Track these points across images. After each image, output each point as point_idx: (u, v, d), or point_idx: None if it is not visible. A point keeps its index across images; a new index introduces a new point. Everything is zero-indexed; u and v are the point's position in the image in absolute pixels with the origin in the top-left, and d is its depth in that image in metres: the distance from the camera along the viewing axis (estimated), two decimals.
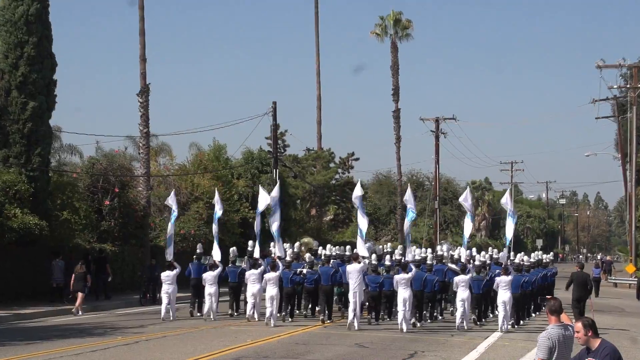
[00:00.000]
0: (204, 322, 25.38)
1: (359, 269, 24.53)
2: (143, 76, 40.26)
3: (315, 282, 26.67)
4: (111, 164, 38.93)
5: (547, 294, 29.35)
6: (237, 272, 28.01)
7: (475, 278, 26.20)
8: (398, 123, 67.50)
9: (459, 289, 25.30)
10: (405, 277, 24.21)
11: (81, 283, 29.08)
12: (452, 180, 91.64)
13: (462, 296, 25.09)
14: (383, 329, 24.57)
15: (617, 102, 62.95)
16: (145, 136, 40.27)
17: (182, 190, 43.84)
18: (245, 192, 47.88)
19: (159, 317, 26.33)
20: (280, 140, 61.84)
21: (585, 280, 28.34)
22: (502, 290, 25.06)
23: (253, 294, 25.96)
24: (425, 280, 25.90)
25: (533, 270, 30.08)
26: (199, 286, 27.78)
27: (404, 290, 24.02)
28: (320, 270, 26.75)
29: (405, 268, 24.69)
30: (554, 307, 10.46)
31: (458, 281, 25.46)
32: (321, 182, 61.91)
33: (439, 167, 68.39)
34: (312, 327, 24.20)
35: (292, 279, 26.49)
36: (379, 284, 25.95)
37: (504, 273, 25.58)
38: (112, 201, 36.96)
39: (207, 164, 47.56)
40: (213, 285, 26.71)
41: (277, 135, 52.53)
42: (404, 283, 24.14)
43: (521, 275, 27.35)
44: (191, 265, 29.16)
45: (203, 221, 42.56)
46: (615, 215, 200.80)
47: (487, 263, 29.16)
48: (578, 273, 28.69)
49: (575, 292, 28.03)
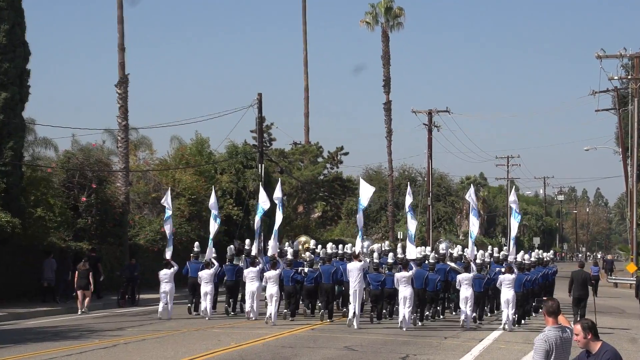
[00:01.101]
0: (185, 324, 25.31)
1: (359, 267, 25.37)
2: (122, 66, 40.15)
3: (315, 280, 27.56)
4: (88, 159, 38.76)
5: (547, 294, 31.13)
6: (234, 271, 28.99)
7: (477, 276, 27.10)
8: (389, 116, 67.62)
9: (462, 287, 26.29)
10: (406, 275, 25.21)
11: (84, 281, 29.59)
12: (445, 175, 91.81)
13: (465, 294, 26.05)
14: (384, 327, 25.25)
15: (617, 93, 63.15)
16: (124, 129, 40.16)
17: (163, 186, 43.72)
18: (229, 188, 47.80)
19: (138, 319, 26.29)
20: (266, 134, 61.72)
21: (586, 279, 29.06)
22: (506, 289, 26.09)
23: (252, 292, 26.70)
24: (427, 278, 26.90)
25: (533, 269, 30.97)
26: (196, 285, 28.58)
27: (405, 288, 25.02)
28: (321, 268, 27.67)
29: (407, 266, 25.63)
30: (551, 309, 10.43)
31: (461, 279, 26.46)
32: (309, 177, 61.89)
33: (431, 162, 68.42)
34: (299, 329, 24.19)
35: (294, 277, 27.44)
36: (381, 282, 26.76)
37: (507, 271, 26.60)
38: (88, 197, 36.81)
39: (189, 159, 47.46)
40: (209, 283, 27.63)
41: (263, 128, 52.40)
42: (404, 281, 25.14)
43: (524, 274, 28.31)
44: (188, 264, 29.94)
45: (185, 219, 42.50)
46: (616, 212, 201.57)
47: (487, 261, 30.36)
48: (578, 272, 29.39)
49: (575, 292, 28.81)
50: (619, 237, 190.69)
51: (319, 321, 26.30)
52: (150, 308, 31.04)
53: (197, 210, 43.66)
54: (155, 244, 40.09)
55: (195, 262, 29.75)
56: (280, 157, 62.34)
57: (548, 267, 33.84)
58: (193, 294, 29.09)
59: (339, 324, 25.85)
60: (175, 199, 43.61)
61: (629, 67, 60.70)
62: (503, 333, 24.70)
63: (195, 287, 28.67)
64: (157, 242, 40.14)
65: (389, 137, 68.10)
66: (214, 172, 48.99)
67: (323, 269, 27.52)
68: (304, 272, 28.02)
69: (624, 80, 59.20)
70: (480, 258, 29.32)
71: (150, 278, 39.13)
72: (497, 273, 28.31)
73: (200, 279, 27.97)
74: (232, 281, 28.99)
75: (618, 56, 55.56)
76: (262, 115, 49.26)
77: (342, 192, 68.13)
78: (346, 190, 68.11)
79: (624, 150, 62.55)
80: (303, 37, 73.56)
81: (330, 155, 68.60)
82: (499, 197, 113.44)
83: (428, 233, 65.93)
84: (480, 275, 27.56)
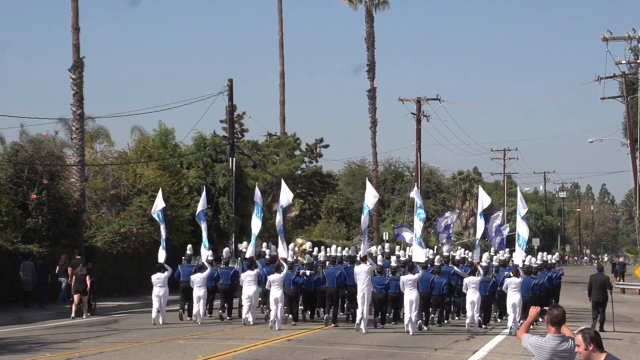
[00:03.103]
0: (149, 335, 25.18)
1: (367, 269, 26.76)
2: (76, 48, 39.92)
3: (315, 284, 29.35)
4: (38, 151, 38.48)
5: (553, 298, 33.55)
6: (229, 274, 30.82)
7: (482, 279, 28.73)
8: (374, 104, 67.61)
9: (468, 291, 28.04)
10: (412, 278, 26.80)
11: (82, 285, 31.09)
12: (435, 170, 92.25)
13: (472, 298, 27.79)
14: (389, 332, 26.65)
15: (625, 79, 63.14)
16: (79, 118, 39.95)
17: (123, 182, 43.56)
18: (197, 184, 47.65)
19: (95, 329, 26.21)
20: (237, 124, 61.71)
21: (605, 283, 30.58)
22: (512, 292, 27.79)
23: (249, 297, 28.33)
24: (433, 282, 28.51)
25: (539, 272, 32.38)
26: (188, 289, 29.97)
27: (411, 291, 26.54)
28: (325, 272, 29.09)
29: (412, 269, 27.34)
30: (556, 319, 10.48)
31: (468, 282, 28.16)
32: (285, 172, 61.75)
33: (420, 155, 68.54)
34: (275, 339, 24.11)
35: (295, 280, 28.97)
36: (385, 285, 28.19)
37: (514, 274, 28.25)
38: (39, 195, 36.57)
39: (151, 152, 47.24)
40: (202, 287, 29.18)
41: (234, 118, 52.35)
42: (410, 284, 26.67)
43: (531, 278, 29.97)
44: (180, 268, 31.12)
45: (147, 218, 42.33)
46: (624, 211, 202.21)
47: (494, 265, 31.97)
48: (597, 275, 31.08)
49: (594, 296, 30.50)
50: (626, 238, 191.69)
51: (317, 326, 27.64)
52: (109, 317, 30.96)
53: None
54: (114, 246, 39.94)
55: (187, 266, 30.99)
56: (253, 150, 62.28)
57: (553, 271, 35.23)
58: (185, 299, 30.30)
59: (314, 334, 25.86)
60: (137, 196, 43.49)
61: (638, 50, 60.79)
62: (499, 344, 24.74)
63: (188, 291, 29.97)
64: (116, 245, 40.00)
65: (374, 128, 68.10)
66: (180, 166, 48.83)
67: (327, 272, 28.86)
68: (306, 275, 29.51)
69: (632, 64, 59.40)
70: (486, 261, 30.85)
71: (109, 284, 39.04)
72: (504, 277, 29.77)
73: (193, 282, 29.27)
74: (227, 285, 30.75)
75: (626, 38, 55.66)
76: (233, 104, 49.18)
77: (322, 188, 68.17)
78: (326, 187, 68.18)
79: (633, 141, 62.55)
80: (278, 16, 73.53)
81: (308, 148, 68.57)
82: (495, 193, 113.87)
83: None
84: (486, 278, 29.22)
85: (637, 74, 59.08)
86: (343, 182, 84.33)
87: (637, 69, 58.71)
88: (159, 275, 29.30)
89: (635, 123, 60.57)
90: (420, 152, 68.24)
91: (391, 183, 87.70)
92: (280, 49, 72.95)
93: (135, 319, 30.57)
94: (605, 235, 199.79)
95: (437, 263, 29.65)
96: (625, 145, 68.34)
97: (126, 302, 35.91)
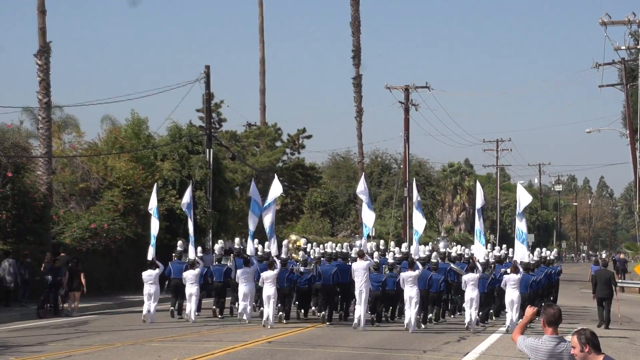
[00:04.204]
0: (120, 337, 25.10)
1: (365, 266, 27.76)
2: (42, 32, 39.67)
3: (309, 281, 29.98)
4: (2, 142, 38.29)
5: (551, 295, 35.05)
6: (222, 271, 31.73)
7: (481, 276, 29.65)
8: (359, 92, 67.64)
9: (467, 288, 28.72)
10: (412, 275, 27.56)
11: (77, 281, 32.33)
12: (425, 162, 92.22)
13: (470, 295, 28.50)
14: (380, 331, 27.07)
15: (625, 66, 63.19)
16: (46, 107, 39.73)
17: (93, 175, 43.38)
18: (172, 177, 47.56)
19: (63, 331, 26.13)
20: (215, 114, 61.63)
21: (609, 279, 32.09)
22: (511, 289, 28.54)
23: (245, 294, 29.01)
24: (431, 279, 29.41)
25: (537, 269, 33.33)
26: (179, 286, 30.79)
27: (411, 288, 27.36)
28: (321, 269, 29.83)
29: (412, 266, 27.98)
30: (552, 318, 10.43)
31: (467, 280, 28.85)
32: (265, 164, 61.77)
33: (409, 146, 68.60)
34: (255, 342, 24.05)
35: (289, 277, 29.80)
36: (382, 283, 29.09)
37: (513, 271, 28.90)
38: (3, 188, 36.36)
39: (123, 143, 47.06)
40: (194, 284, 29.84)
41: (211, 107, 52.27)
42: (410, 281, 27.48)
43: (530, 275, 30.92)
44: (171, 265, 31.88)
45: (119, 213, 42.18)
46: (623, 205, 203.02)
47: (491, 261, 32.94)
48: (601, 271, 32.63)
49: (599, 292, 31.82)
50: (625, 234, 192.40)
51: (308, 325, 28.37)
52: (77, 319, 30.81)
53: (133, 202, 43.31)
54: (84, 243, 39.75)
55: (178, 263, 31.85)
56: (231, 141, 62.22)
57: (551, 267, 36.28)
58: (176, 296, 31.17)
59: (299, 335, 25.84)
60: (108, 190, 43.33)
61: (638, 35, 60.86)
62: (492, 345, 24.78)
63: (179, 288, 30.78)
64: (85, 241, 39.80)
65: (359, 118, 68.13)
66: (154, 158, 48.67)
67: (323, 269, 29.69)
68: (300, 271, 30.41)
69: (632, 50, 59.43)
70: (484, 257, 31.58)
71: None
72: (502, 274, 30.62)
73: (185, 280, 30.03)
74: (220, 282, 31.66)
75: (626, 22, 55.77)
76: (210, 92, 49.13)
77: (305, 181, 68.17)
78: (309, 180, 68.18)
79: (632, 132, 62.70)
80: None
81: (290, 139, 68.57)
82: (487, 187, 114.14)
83: (405, 229, 66.04)
84: (484, 275, 30.28)
85: (637, 61, 59.09)
86: (327, 175, 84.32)
87: (637, 55, 58.75)
88: (150, 272, 30.02)
89: (635, 112, 60.70)
90: (409, 143, 68.29)
91: (378, 176, 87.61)
92: (261, 34, 72.81)
93: (106, 320, 30.46)
94: (604, 231, 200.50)
95: (434, 260, 30.29)
96: (625, 136, 68.51)
97: (97, 303, 35.75)
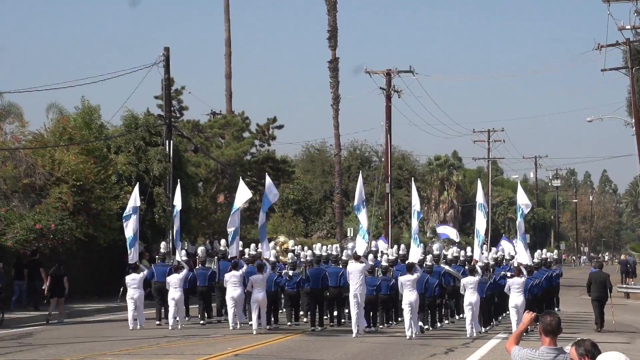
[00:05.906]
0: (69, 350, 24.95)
1: (360, 269, 28.75)
2: None
3: (297, 285, 31.25)
4: None
5: (551, 299, 36.16)
6: (207, 275, 32.97)
7: (480, 281, 30.40)
8: (336, 77, 67.66)
9: (466, 292, 29.75)
10: (411, 279, 28.41)
11: (60, 287, 33.58)
12: (408, 155, 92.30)
13: (470, 299, 29.48)
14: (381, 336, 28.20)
15: (630, 47, 62.89)
16: None
17: (39, 169, 43.09)
18: (127, 171, 47.37)
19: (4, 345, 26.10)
20: (175, 101, 61.41)
21: (605, 281, 33.42)
22: (515, 293, 29.39)
23: (233, 299, 29.97)
24: (427, 282, 30.38)
25: (537, 271, 34.14)
26: (163, 291, 31.79)
27: (410, 293, 28.18)
28: (309, 272, 31.02)
29: (411, 269, 28.72)
30: (549, 327, 10.43)
31: (466, 283, 29.87)
32: (232, 157, 61.65)
33: (391, 137, 68.34)
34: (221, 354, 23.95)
35: (277, 281, 31.12)
36: (376, 286, 30.15)
37: (516, 274, 29.86)
38: None
39: (73, 133, 46.80)
40: (178, 289, 30.81)
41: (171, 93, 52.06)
42: (409, 285, 28.31)
43: (530, 278, 31.73)
44: (154, 267, 33.24)
45: (68, 212, 41.91)
46: (628, 202, 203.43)
47: (491, 264, 33.91)
48: (597, 273, 34.06)
49: (594, 292, 33.28)
50: (631, 234, 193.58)
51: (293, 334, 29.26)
52: (21, 330, 30.62)
53: (84, 200, 43.06)
54: (28, 245, 39.48)
55: (161, 265, 33.12)
56: (194, 132, 62.07)
57: (552, 270, 37.34)
58: (160, 302, 32.25)
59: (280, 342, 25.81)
60: (56, 187, 43.06)
61: None
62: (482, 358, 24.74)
63: (162, 292, 31.79)
64: (30, 243, 39.52)
65: (336, 106, 68.17)
66: (107, 151, 48.47)
67: (312, 272, 30.83)
68: (289, 275, 31.48)
69: (638, 30, 59.41)
70: (484, 260, 32.56)
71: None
72: (501, 277, 31.85)
73: (169, 284, 30.98)
74: (204, 287, 32.71)
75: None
76: (170, 77, 48.95)
77: (275, 176, 67.92)
78: (280, 175, 68.00)
79: (638, 120, 62.62)
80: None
81: (259, 129, 68.48)
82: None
83: (387, 229, 65.93)
84: (483, 279, 31.06)
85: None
86: (300, 169, 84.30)
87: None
88: (134, 275, 31.09)
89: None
90: (391, 134, 68.01)
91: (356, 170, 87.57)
92: (226, 13, 72.54)
93: (53, 332, 30.24)
94: (606, 231, 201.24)
95: (429, 262, 31.45)
96: (630, 125, 68.28)
97: (43, 312, 35.53)
